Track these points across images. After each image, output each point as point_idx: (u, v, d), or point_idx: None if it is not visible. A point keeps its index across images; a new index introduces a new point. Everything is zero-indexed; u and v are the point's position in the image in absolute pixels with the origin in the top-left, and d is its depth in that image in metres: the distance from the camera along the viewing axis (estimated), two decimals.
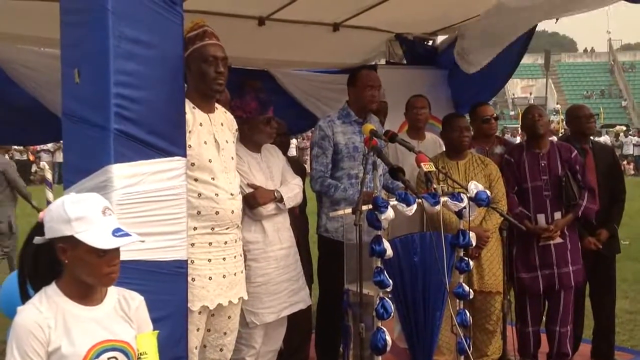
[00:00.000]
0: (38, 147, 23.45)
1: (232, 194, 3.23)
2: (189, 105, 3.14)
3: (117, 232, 2.12)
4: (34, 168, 23.31)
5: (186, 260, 2.90)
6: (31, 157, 23.91)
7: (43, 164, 10.04)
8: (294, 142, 23.40)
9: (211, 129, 3.22)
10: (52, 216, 2.15)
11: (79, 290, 2.19)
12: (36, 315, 2.12)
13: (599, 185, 4.63)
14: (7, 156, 23.32)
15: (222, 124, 3.31)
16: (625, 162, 25.88)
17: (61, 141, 3.05)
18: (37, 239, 2.19)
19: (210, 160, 3.16)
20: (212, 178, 3.15)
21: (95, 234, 2.10)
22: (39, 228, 2.20)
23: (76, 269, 2.15)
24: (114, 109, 2.67)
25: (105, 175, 2.67)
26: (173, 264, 2.84)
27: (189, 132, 3.09)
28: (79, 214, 2.12)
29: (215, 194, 3.15)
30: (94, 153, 2.72)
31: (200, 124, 3.17)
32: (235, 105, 3.75)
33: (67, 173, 2.88)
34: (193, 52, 3.13)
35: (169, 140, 2.85)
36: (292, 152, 20.37)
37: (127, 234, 2.14)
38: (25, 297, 2.22)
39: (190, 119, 3.12)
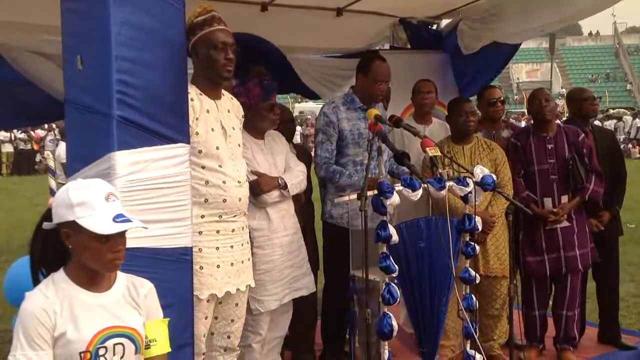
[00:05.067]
0: (41, 134, 23.59)
1: (239, 182, 3.22)
2: (195, 92, 3.12)
3: (118, 218, 2.12)
4: (38, 157, 23.38)
5: (191, 248, 2.90)
6: (35, 147, 23.97)
7: (47, 152, 10.07)
8: (298, 129, 23.38)
9: (218, 115, 3.19)
10: (58, 201, 2.17)
11: (86, 277, 2.20)
12: (42, 300, 2.13)
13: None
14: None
15: (228, 111, 3.29)
16: (630, 146, 25.84)
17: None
18: (46, 224, 2.21)
19: (217, 148, 3.14)
20: (219, 165, 3.13)
21: (96, 220, 2.10)
22: (49, 214, 2.20)
23: (80, 255, 2.16)
24: (116, 95, 2.66)
25: (109, 162, 2.65)
26: (178, 251, 2.83)
27: (196, 119, 3.07)
28: (82, 199, 2.13)
29: (223, 182, 3.14)
30: (97, 140, 2.71)
31: (207, 111, 3.15)
32: (238, 91, 3.72)
33: (70, 160, 2.87)
34: (201, 38, 3.09)
35: (172, 127, 2.83)
36: (296, 139, 20.34)
37: (128, 220, 2.13)
38: (37, 284, 2.23)
39: (197, 106, 3.09)
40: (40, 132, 24.47)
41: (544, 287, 4.65)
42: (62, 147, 9.24)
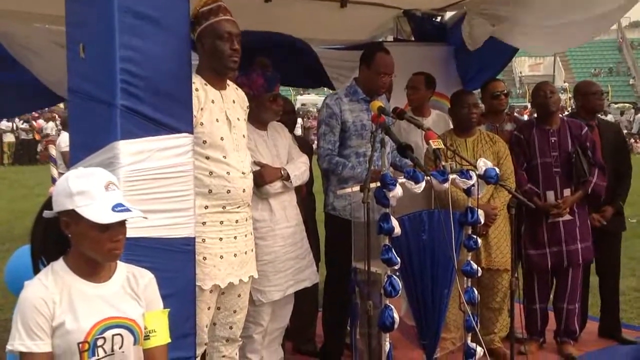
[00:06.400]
0: (43, 124, 23.61)
1: (243, 173, 3.20)
2: (200, 82, 3.10)
3: (118, 208, 2.11)
4: (39, 147, 23.38)
5: (194, 238, 2.89)
6: (37, 137, 23.97)
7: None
8: (299, 121, 23.36)
9: (223, 106, 3.18)
10: (58, 190, 2.16)
11: (86, 267, 2.19)
12: (41, 290, 2.12)
13: (604, 162, 4.60)
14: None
15: (233, 101, 3.27)
16: (633, 140, 25.82)
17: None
18: (46, 213, 2.20)
19: (222, 138, 3.12)
20: (223, 156, 3.12)
21: (95, 209, 2.09)
22: (49, 202, 2.20)
23: (80, 244, 2.16)
24: (120, 85, 2.64)
25: (112, 152, 2.64)
26: (180, 241, 2.83)
27: (201, 109, 3.06)
28: (81, 188, 2.12)
29: (227, 173, 3.12)
30: (100, 129, 2.70)
31: (212, 101, 3.13)
32: (241, 82, 3.70)
33: (73, 149, 2.86)
34: (207, 27, 3.08)
35: (175, 116, 2.82)
36: (297, 131, 20.30)
37: (127, 209, 2.13)
38: (38, 273, 2.23)
39: (202, 96, 3.08)
40: (41, 122, 24.49)
41: (545, 280, 4.66)
42: (63, 136, 9.24)
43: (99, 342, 2.14)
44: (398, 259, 3.25)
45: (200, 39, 3.11)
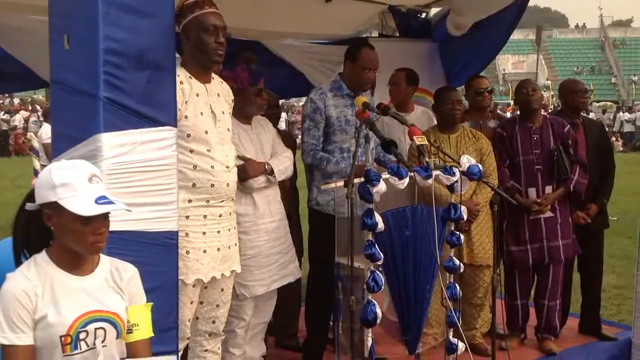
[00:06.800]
0: (25, 115, 23.44)
1: (227, 167, 3.19)
2: (185, 75, 3.09)
3: (101, 200, 2.09)
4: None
5: (177, 232, 2.87)
6: None
7: (30, 134, 10.03)
8: (283, 115, 23.32)
9: (208, 99, 3.16)
10: (41, 182, 2.14)
11: (69, 259, 2.17)
12: (24, 282, 2.10)
13: (589, 160, 4.64)
14: None
15: (218, 95, 3.26)
16: (614, 139, 26.06)
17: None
18: (29, 205, 2.18)
19: (206, 132, 3.11)
20: (207, 150, 3.11)
21: (78, 201, 2.07)
22: (32, 194, 2.18)
23: (62, 237, 2.14)
24: (103, 76, 2.62)
25: (94, 144, 2.62)
26: (163, 235, 2.81)
27: (185, 102, 3.04)
28: (64, 180, 2.10)
29: (211, 166, 3.11)
30: (83, 121, 2.67)
31: (197, 95, 3.12)
32: (226, 75, 3.69)
33: (55, 141, 2.84)
34: (192, 20, 3.06)
35: (159, 109, 2.79)
36: (282, 125, 20.27)
37: (110, 202, 2.11)
38: (20, 265, 2.21)
39: (186, 89, 3.06)
40: (24, 114, 24.28)
41: (526, 276, 4.69)
42: (45, 128, 9.13)
43: (82, 336, 2.13)
44: (381, 254, 3.25)
45: (185, 32, 3.09)
